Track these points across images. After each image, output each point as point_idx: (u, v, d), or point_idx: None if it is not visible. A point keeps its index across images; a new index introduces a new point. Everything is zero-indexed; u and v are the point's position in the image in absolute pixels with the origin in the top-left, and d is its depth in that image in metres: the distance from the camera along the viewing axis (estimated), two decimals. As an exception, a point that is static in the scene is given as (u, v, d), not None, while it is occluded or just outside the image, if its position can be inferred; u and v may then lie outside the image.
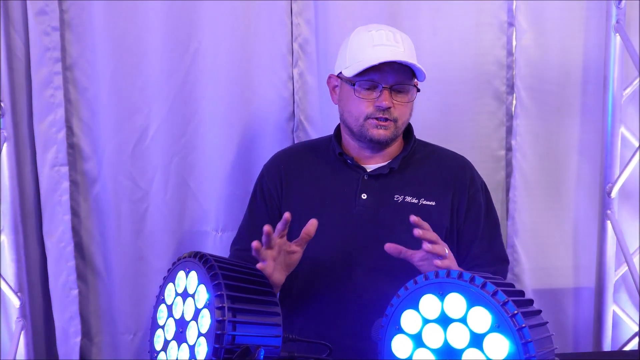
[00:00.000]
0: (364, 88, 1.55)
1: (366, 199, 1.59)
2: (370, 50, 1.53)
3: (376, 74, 1.53)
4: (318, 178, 1.65)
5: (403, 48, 1.54)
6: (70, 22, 2.02)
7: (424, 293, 1.04)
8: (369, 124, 1.56)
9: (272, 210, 1.67)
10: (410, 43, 1.60)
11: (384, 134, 1.56)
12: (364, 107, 1.55)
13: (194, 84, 2.07)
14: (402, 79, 1.54)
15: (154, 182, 2.10)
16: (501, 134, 2.19)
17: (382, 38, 1.54)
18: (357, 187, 1.60)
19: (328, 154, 1.68)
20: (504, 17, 2.14)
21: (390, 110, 1.54)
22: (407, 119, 1.60)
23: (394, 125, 1.56)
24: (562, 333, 2.26)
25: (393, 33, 1.56)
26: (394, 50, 1.52)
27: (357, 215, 1.58)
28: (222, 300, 1.03)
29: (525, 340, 0.94)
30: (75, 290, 2.08)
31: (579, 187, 2.22)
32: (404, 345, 1.06)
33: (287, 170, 1.68)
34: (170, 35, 2.04)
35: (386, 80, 1.53)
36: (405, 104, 1.56)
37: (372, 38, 1.55)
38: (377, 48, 1.53)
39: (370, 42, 1.55)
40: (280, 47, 2.07)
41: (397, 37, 1.56)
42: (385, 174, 1.61)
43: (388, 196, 1.59)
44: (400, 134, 1.61)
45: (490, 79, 2.16)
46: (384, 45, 1.53)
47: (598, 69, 2.16)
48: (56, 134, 2.02)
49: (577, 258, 2.25)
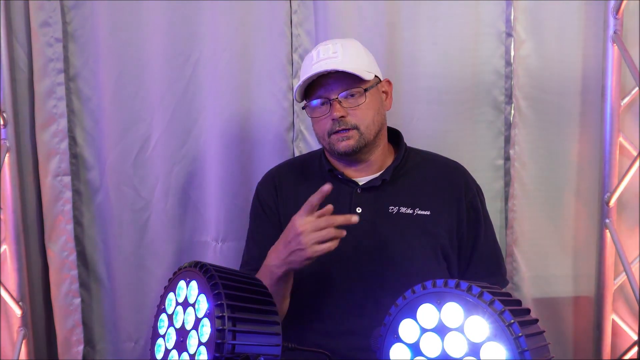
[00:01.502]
0: (318, 106, 1.56)
1: (361, 212, 1.58)
2: (309, 70, 1.54)
3: (321, 89, 1.54)
4: (311, 194, 1.62)
5: (341, 57, 1.53)
6: (73, 33, 2.04)
7: (422, 302, 1.04)
8: (333, 139, 1.55)
9: (276, 225, 1.65)
10: (356, 48, 1.58)
11: (348, 144, 1.54)
12: (323, 125, 1.56)
13: (194, 93, 2.09)
14: (346, 86, 1.52)
15: (155, 192, 2.11)
16: (500, 144, 2.20)
17: (319, 54, 1.55)
18: (351, 201, 1.60)
19: (319, 169, 1.68)
20: (503, 28, 2.15)
21: (346, 119, 1.53)
22: (372, 121, 1.56)
23: (356, 132, 1.54)
24: (561, 342, 2.26)
25: (332, 44, 1.55)
26: (329, 62, 1.51)
27: (353, 229, 1.55)
28: (222, 310, 1.04)
29: (522, 349, 0.95)
30: (78, 299, 2.09)
31: (578, 196, 2.23)
32: (402, 354, 1.07)
33: (280, 186, 1.68)
34: (171, 46, 2.06)
35: (332, 92, 1.53)
36: (357, 107, 1.53)
37: (312, 58, 1.56)
38: (316, 65, 1.53)
39: (311, 62, 1.56)
40: (280, 57, 2.09)
41: (336, 47, 1.54)
42: (378, 186, 1.60)
43: (382, 208, 1.58)
44: (371, 139, 1.57)
45: (489, 88, 2.17)
46: (321, 60, 1.53)
47: (596, 79, 2.17)
48: (59, 144, 2.04)
49: (576, 267, 2.25)
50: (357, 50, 1.59)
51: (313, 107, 1.57)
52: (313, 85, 1.55)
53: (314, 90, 1.55)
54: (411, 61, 2.13)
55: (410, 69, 2.13)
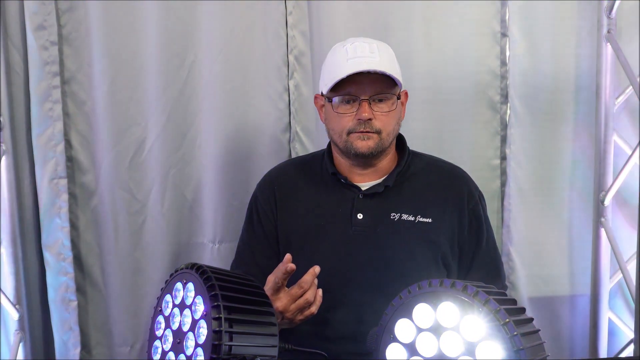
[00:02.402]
0: (343, 103, 1.54)
1: (362, 218, 1.57)
2: (344, 64, 1.51)
3: (353, 87, 1.51)
4: (312, 198, 1.63)
5: (379, 58, 1.52)
6: (68, 36, 2.04)
7: (418, 302, 1.05)
8: (352, 137, 1.53)
9: (270, 231, 1.65)
10: (389, 52, 1.58)
11: (368, 145, 1.52)
12: (345, 122, 1.53)
13: (190, 96, 2.09)
14: (380, 89, 1.52)
15: (151, 195, 2.11)
16: (496, 143, 2.21)
17: (356, 51, 1.53)
18: (352, 206, 1.58)
19: (321, 172, 1.66)
20: (498, 28, 2.16)
21: (372, 122, 1.52)
22: (393, 129, 1.56)
23: (377, 136, 1.53)
24: (558, 341, 2.26)
25: (369, 44, 1.55)
26: (368, 61, 1.50)
27: (353, 236, 1.57)
28: (218, 311, 1.05)
29: (517, 348, 0.95)
30: (75, 302, 2.09)
31: (573, 195, 2.24)
32: (398, 354, 1.07)
33: (280, 190, 1.66)
34: (166, 49, 2.06)
35: (364, 92, 1.51)
36: (386, 113, 1.53)
37: (346, 52, 1.54)
38: (351, 61, 1.51)
39: (345, 56, 1.53)
40: (275, 59, 2.10)
41: (372, 47, 1.54)
42: (380, 192, 1.59)
43: (384, 215, 1.57)
44: (387, 146, 1.57)
45: (485, 88, 2.18)
46: (357, 57, 1.51)
47: (590, 78, 2.18)
48: (55, 147, 2.04)
49: (572, 265, 2.26)
50: (391, 55, 1.59)
51: (338, 103, 1.55)
52: (345, 80, 1.51)
53: (343, 85, 1.52)
54: (406, 62, 2.11)
55: (405, 70, 2.08)
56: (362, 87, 1.51)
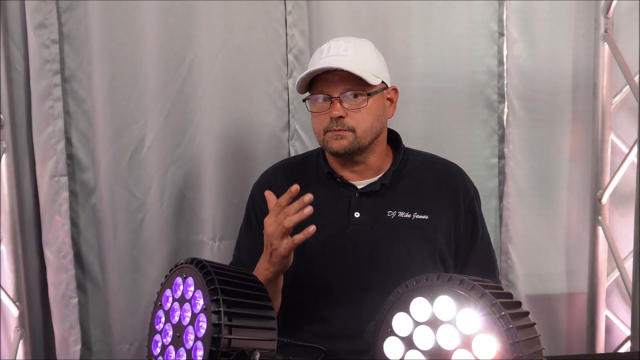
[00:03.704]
0: (318, 102, 1.54)
1: (359, 217, 1.57)
2: (316, 63, 1.52)
3: (324, 85, 1.52)
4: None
5: (352, 56, 1.50)
6: (69, 34, 2.05)
7: (415, 296, 1.06)
8: (328, 137, 1.53)
9: None
10: (367, 50, 1.57)
11: (341, 144, 1.52)
12: (320, 121, 1.54)
13: (189, 94, 2.10)
14: (350, 87, 1.51)
15: (151, 192, 2.12)
16: (494, 142, 2.22)
17: (330, 49, 1.53)
18: (349, 205, 1.59)
19: (317, 171, 1.66)
20: (495, 27, 2.17)
21: (344, 120, 1.51)
22: (370, 126, 1.54)
23: (352, 134, 1.51)
24: (555, 338, 2.28)
25: (345, 42, 1.54)
26: (339, 60, 1.49)
27: (351, 234, 1.57)
28: (218, 305, 1.06)
29: (513, 341, 0.96)
30: (75, 299, 2.10)
31: (571, 194, 2.25)
32: (396, 347, 1.08)
33: (277, 190, 1.61)
34: (166, 47, 2.07)
35: (335, 90, 1.51)
36: (358, 110, 1.51)
37: (322, 51, 1.54)
38: (323, 60, 1.51)
39: (320, 56, 1.54)
40: (275, 58, 2.11)
41: (348, 45, 1.52)
42: (377, 191, 1.59)
43: (381, 213, 1.57)
44: (366, 144, 1.55)
45: (482, 88, 2.19)
46: (330, 56, 1.51)
47: (588, 78, 2.19)
48: (55, 145, 2.05)
49: (569, 264, 2.27)
50: (368, 51, 1.57)
51: (314, 102, 1.56)
52: (318, 79, 1.53)
53: (318, 84, 1.54)
54: (404, 61, 2.15)
55: (404, 69, 2.14)
56: (334, 86, 1.51)
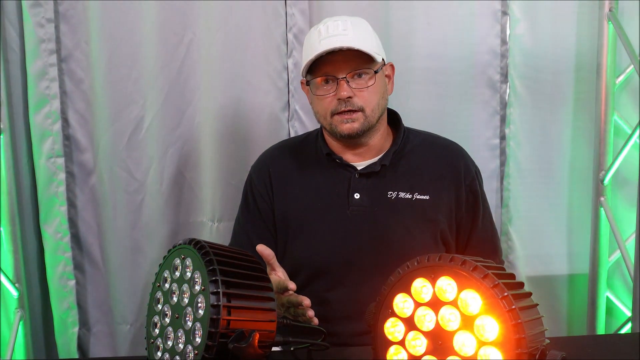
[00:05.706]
0: (322, 84, 1.51)
1: (359, 198, 1.56)
2: (317, 46, 1.48)
3: (329, 67, 1.49)
4: (308, 179, 1.61)
5: (352, 34, 1.48)
6: (65, 13, 2.02)
7: (416, 277, 1.05)
8: (336, 120, 1.51)
9: (266, 212, 1.64)
10: (365, 28, 1.54)
11: (353, 126, 1.50)
12: (326, 104, 1.51)
13: (188, 74, 2.08)
14: (356, 66, 1.48)
15: (150, 173, 2.11)
16: (495, 123, 2.20)
17: (328, 30, 1.49)
18: (348, 186, 1.57)
19: (316, 153, 1.64)
20: (498, 6, 2.15)
21: (353, 100, 1.48)
22: (377, 104, 1.52)
23: (362, 115, 1.50)
24: (556, 320, 2.28)
25: (342, 22, 1.50)
26: (341, 39, 1.46)
27: (351, 216, 1.55)
28: (217, 286, 1.05)
29: (515, 322, 0.96)
30: (73, 281, 2.10)
31: (573, 175, 2.24)
32: (397, 328, 1.07)
33: (275, 172, 1.64)
34: (164, 26, 2.05)
35: (340, 71, 1.48)
36: (365, 89, 1.49)
37: (319, 33, 1.50)
38: (324, 41, 1.47)
39: (318, 37, 1.50)
40: (274, 37, 2.08)
41: (346, 24, 1.49)
42: (377, 172, 1.57)
43: (381, 194, 1.56)
44: (374, 123, 1.53)
45: (485, 68, 2.17)
46: (330, 37, 1.47)
47: (591, 57, 2.17)
48: (52, 126, 2.03)
49: (571, 245, 2.26)
50: (366, 29, 1.55)
51: (317, 85, 1.52)
52: (320, 61, 1.49)
53: (319, 67, 1.50)
54: (406, 41, 2.12)
55: (405, 49, 2.12)
56: (339, 66, 1.48)
